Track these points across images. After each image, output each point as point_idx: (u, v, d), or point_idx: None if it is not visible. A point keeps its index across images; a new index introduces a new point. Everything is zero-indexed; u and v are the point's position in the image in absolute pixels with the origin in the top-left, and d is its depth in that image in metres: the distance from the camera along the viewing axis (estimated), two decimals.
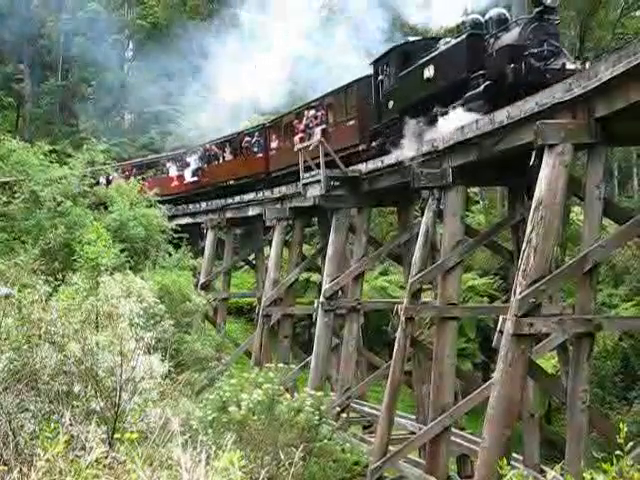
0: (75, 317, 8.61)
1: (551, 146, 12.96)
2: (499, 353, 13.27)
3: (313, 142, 22.84)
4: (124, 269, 17.50)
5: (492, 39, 16.38)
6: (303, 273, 30.60)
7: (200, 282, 29.12)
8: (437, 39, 19.10)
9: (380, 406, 20.79)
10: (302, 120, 25.17)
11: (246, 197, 29.09)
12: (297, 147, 23.84)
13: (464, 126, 16.14)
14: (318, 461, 14.43)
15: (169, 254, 24.56)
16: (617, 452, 4.72)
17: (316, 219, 29.44)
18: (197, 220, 32.53)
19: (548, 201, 12.90)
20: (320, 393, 15.06)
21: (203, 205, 32.33)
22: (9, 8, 46.57)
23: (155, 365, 8.14)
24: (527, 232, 13.19)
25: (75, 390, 7.60)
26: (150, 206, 25.47)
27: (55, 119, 52.33)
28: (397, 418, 20.45)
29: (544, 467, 17.77)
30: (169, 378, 9.29)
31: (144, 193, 26.27)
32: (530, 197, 14.63)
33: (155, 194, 26.13)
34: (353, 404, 24.15)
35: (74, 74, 53.86)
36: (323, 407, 14.09)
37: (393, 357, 18.47)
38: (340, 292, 23.56)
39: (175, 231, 25.82)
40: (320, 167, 21.67)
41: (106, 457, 5.33)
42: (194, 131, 41.09)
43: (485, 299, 34.09)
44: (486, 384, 16.52)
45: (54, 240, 21.31)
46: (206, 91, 40.59)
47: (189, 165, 33.88)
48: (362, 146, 22.16)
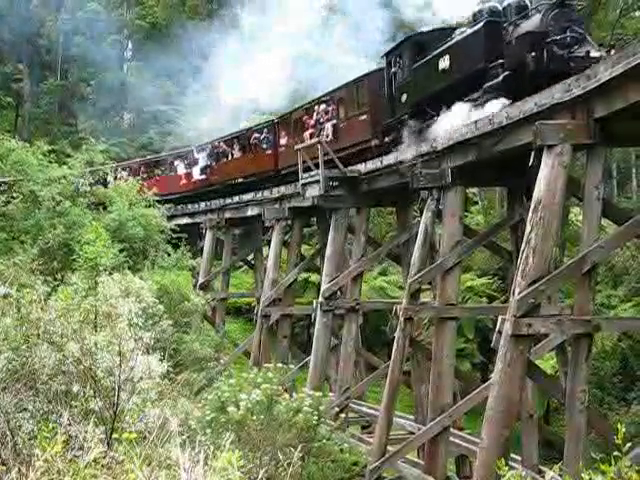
0: (74, 317, 8.61)
1: (550, 147, 12.96)
2: (498, 353, 13.26)
3: (311, 142, 22.82)
4: (123, 269, 17.51)
5: (511, 27, 15.43)
6: (302, 273, 30.60)
7: (199, 282, 29.10)
8: (452, 29, 18.08)
9: (379, 406, 20.79)
10: (312, 115, 24.53)
11: (245, 197, 29.02)
12: (296, 147, 23.80)
13: (463, 127, 16.14)
14: (317, 461, 14.44)
15: (168, 254, 24.55)
16: (615, 453, 4.72)
17: (315, 219, 29.39)
18: (196, 220, 32.50)
19: (547, 202, 12.90)
20: (319, 393, 15.03)
21: (202, 205, 32.27)
22: (8, 8, 46.56)
23: (154, 365, 8.13)
24: (526, 232, 13.19)
25: (74, 390, 7.59)
26: (149, 206, 25.47)
27: (54, 119, 52.33)
28: (396, 418, 20.44)
29: (543, 468, 17.75)
30: (168, 378, 9.29)
31: (143, 193, 26.27)
32: (529, 198, 14.60)
33: (163, 193, 25.77)
34: (352, 404, 24.14)
35: (73, 74, 53.85)
36: (322, 407, 14.06)
37: (392, 357, 18.46)
38: (339, 292, 23.53)
39: (174, 231, 25.83)
40: (319, 167, 21.66)
41: (104, 457, 5.33)
42: (193, 131, 41.07)
43: (484, 299, 34.12)
44: (485, 384, 16.52)
45: (53, 240, 21.33)
46: (206, 91, 40.56)
47: (197, 163, 33.06)
48: (375, 141, 21.38)
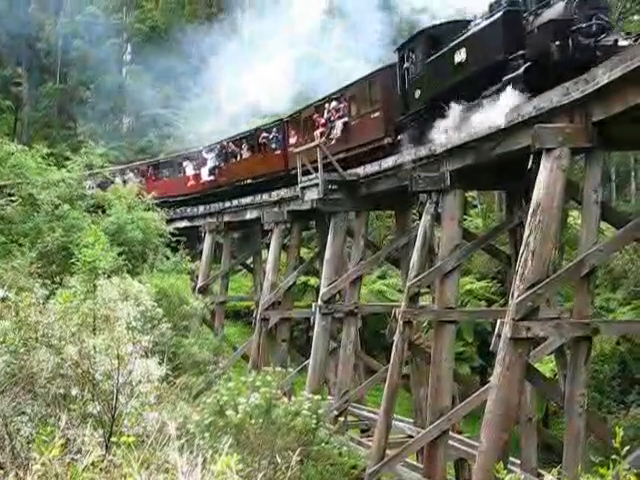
0: (72, 320, 8.61)
1: (549, 150, 12.98)
2: (497, 357, 13.26)
3: (310, 145, 22.82)
4: (122, 272, 17.47)
5: (532, 16, 14.64)
6: (301, 277, 30.60)
7: (198, 285, 29.10)
8: (467, 21, 17.20)
9: (378, 410, 20.78)
10: (323, 113, 23.85)
11: (244, 200, 29.03)
12: (295, 150, 23.78)
13: (462, 129, 16.15)
14: (315, 465, 14.39)
15: (167, 257, 24.55)
16: (614, 456, 4.72)
17: (314, 222, 29.39)
18: (195, 223, 32.50)
19: (546, 205, 12.91)
20: (318, 397, 14.99)
21: (201, 209, 32.27)
22: (7, 11, 46.61)
23: (152, 368, 8.11)
24: (525, 236, 13.20)
25: (72, 393, 7.58)
26: (148, 209, 25.47)
27: (53, 122, 52.38)
28: (395, 422, 20.42)
29: (542, 471, 17.75)
30: (166, 382, 9.27)
31: (143, 196, 26.27)
32: (528, 201, 14.61)
33: (171, 194, 25.44)
34: (351, 408, 24.10)
35: (72, 77, 53.90)
36: (321, 411, 14.03)
37: (391, 361, 18.44)
38: (338, 296, 23.54)
39: (173, 234, 25.82)
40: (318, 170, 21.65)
41: (102, 461, 5.31)
42: (193, 134, 41.08)
43: (483, 303, 34.18)
44: (484, 388, 16.52)
45: (51, 243, 21.32)
46: (205, 94, 40.60)
47: (206, 163, 32.47)
48: (388, 139, 20.66)
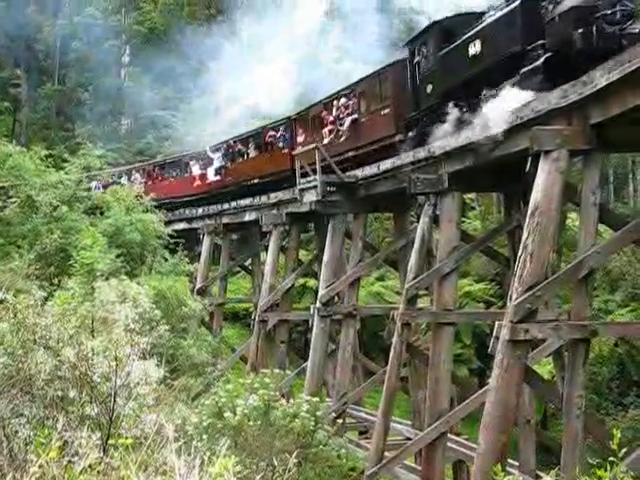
0: (70, 322, 8.59)
1: (547, 152, 12.99)
2: (495, 359, 13.27)
3: (308, 147, 22.80)
4: (120, 274, 17.47)
5: (551, 4, 13.96)
6: (299, 279, 30.58)
7: (196, 287, 29.06)
8: (481, 13, 16.48)
9: (376, 412, 20.78)
10: (331, 111, 23.28)
11: (242, 202, 29.02)
12: (294, 152, 23.77)
13: (461, 131, 16.15)
14: (314, 467, 14.38)
15: (165, 259, 24.53)
16: (612, 458, 4.72)
17: (312, 225, 29.40)
18: (193, 225, 32.49)
19: (544, 207, 12.92)
20: (316, 399, 15.03)
21: (200, 210, 32.27)
22: (5, 12, 46.60)
23: (151, 370, 8.10)
24: (523, 238, 13.20)
25: (70, 395, 7.57)
26: (147, 211, 25.46)
27: (51, 124, 52.36)
28: (393, 424, 20.42)
29: (540, 473, 17.75)
30: (165, 384, 9.27)
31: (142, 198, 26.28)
32: (526, 203, 14.62)
33: (177, 195, 25.24)
34: (349, 410, 24.10)
35: (71, 79, 53.91)
36: (319, 413, 14.06)
37: (389, 363, 18.45)
38: (336, 298, 23.54)
39: (171, 236, 25.81)
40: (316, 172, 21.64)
41: (100, 463, 5.31)
42: (191, 136, 41.06)
43: (481, 305, 34.18)
44: (482, 390, 16.52)
45: (50, 245, 21.31)
46: (204, 96, 40.59)
47: (212, 163, 31.90)
48: (399, 136, 20.02)
